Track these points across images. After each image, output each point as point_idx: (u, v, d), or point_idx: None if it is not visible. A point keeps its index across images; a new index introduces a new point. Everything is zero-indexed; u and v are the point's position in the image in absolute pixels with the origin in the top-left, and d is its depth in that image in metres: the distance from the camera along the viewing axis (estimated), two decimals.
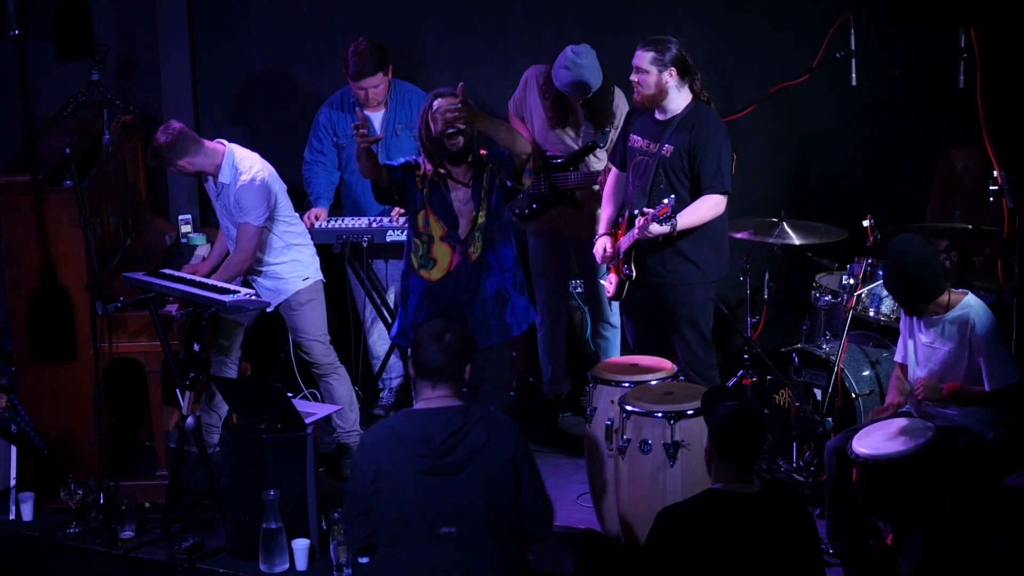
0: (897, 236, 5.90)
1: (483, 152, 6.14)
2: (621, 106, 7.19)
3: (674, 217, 6.21)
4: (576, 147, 7.23)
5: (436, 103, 6.04)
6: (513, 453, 4.96)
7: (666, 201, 6.21)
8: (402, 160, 6.24)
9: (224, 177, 6.71)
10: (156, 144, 6.66)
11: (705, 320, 6.57)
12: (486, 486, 4.91)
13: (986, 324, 5.76)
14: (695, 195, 6.38)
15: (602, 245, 6.60)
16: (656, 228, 6.27)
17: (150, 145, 6.76)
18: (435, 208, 6.12)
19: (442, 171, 6.09)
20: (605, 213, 6.71)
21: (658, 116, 6.50)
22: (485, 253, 6.10)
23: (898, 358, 6.10)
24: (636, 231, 6.35)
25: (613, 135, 7.13)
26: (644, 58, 6.39)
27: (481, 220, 6.08)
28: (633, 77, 6.43)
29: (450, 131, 5.99)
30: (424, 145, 6.10)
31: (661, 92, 6.41)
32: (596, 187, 7.09)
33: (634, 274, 6.49)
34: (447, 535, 4.88)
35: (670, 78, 6.39)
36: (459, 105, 5.92)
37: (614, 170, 6.74)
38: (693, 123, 6.42)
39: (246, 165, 6.72)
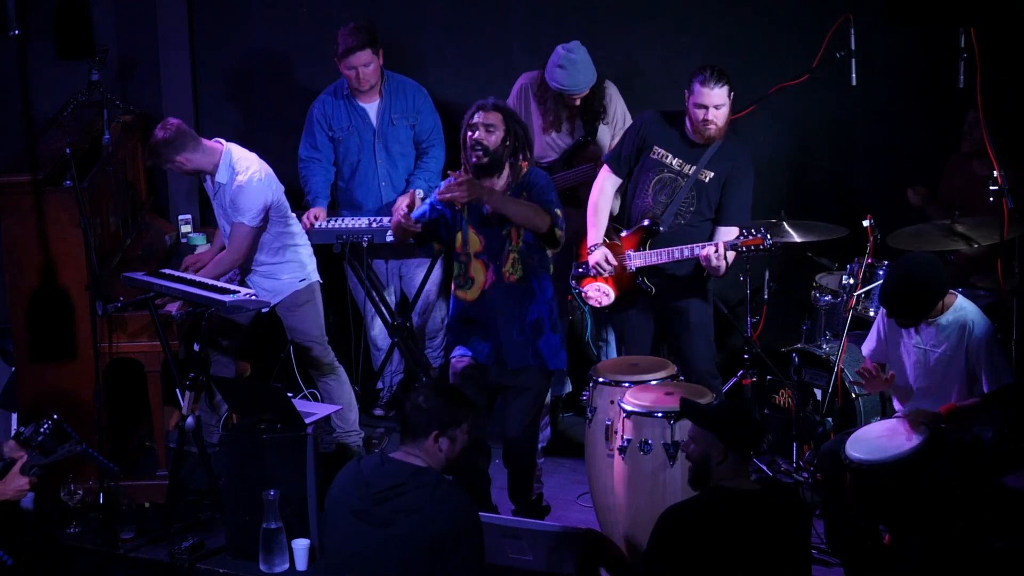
0: (906, 255, 5.92)
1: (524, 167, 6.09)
2: (615, 100, 7.17)
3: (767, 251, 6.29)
4: (570, 143, 7.21)
5: (474, 115, 6.04)
6: (439, 534, 4.77)
7: (759, 234, 6.25)
8: (432, 203, 6.19)
9: (221, 176, 6.71)
10: (154, 140, 6.65)
11: (712, 325, 6.64)
12: (401, 551, 4.81)
13: (983, 326, 5.77)
14: (715, 220, 6.47)
15: (602, 256, 6.54)
16: (722, 254, 6.27)
17: (148, 142, 6.76)
18: (473, 220, 6.10)
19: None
20: (597, 222, 6.62)
21: (693, 138, 6.47)
22: (528, 278, 6.08)
23: (867, 353, 6.11)
24: (696, 252, 6.32)
25: (602, 130, 7.11)
26: (721, 94, 6.33)
27: (518, 243, 6.05)
28: (707, 115, 6.33)
29: (475, 148, 6.01)
30: (462, 153, 6.11)
31: (728, 123, 6.42)
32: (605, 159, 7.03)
33: (654, 290, 6.50)
34: None
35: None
36: (460, 186, 5.90)
37: (603, 179, 6.68)
38: (734, 156, 6.46)
39: (243, 165, 6.71)
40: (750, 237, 6.28)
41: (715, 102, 6.33)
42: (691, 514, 4.80)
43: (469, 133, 6.04)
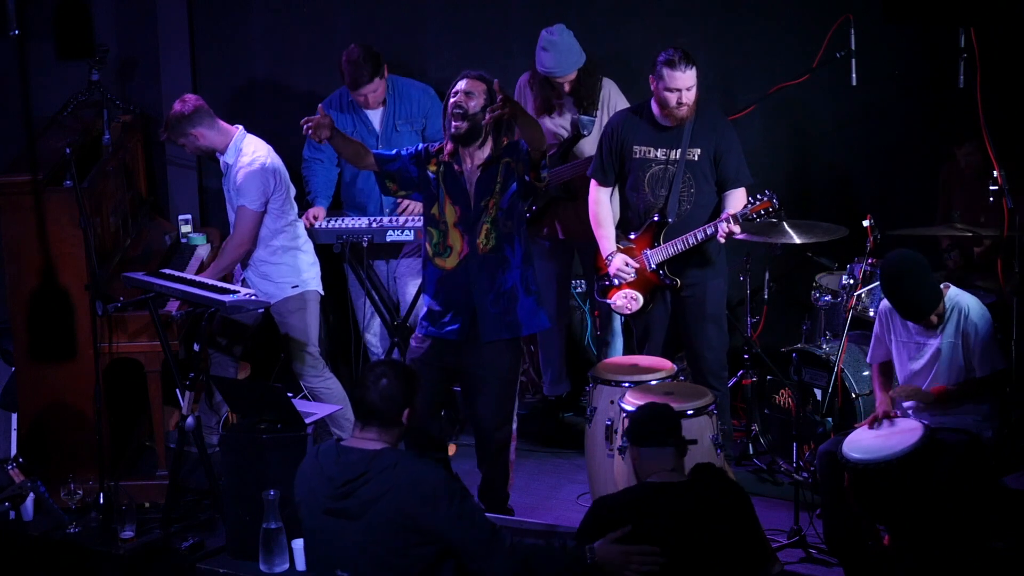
0: (890, 254, 5.91)
1: (505, 141, 6.04)
2: (614, 97, 7.16)
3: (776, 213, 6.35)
4: (565, 135, 7.20)
5: (458, 83, 5.98)
6: (414, 511, 4.72)
7: (765, 196, 6.29)
8: (408, 150, 6.14)
9: (228, 156, 6.75)
10: (171, 113, 6.73)
11: (725, 317, 6.70)
12: (383, 537, 4.75)
13: (979, 312, 5.80)
14: (718, 192, 6.53)
15: (621, 262, 6.56)
16: (737, 228, 6.35)
17: (165, 118, 6.80)
18: (450, 191, 6.03)
19: (451, 151, 6.00)
20: (606, 232, 6.65)
21: (665, 122, 6.49)
22: (500, 247, 6.00)
23: (873, 361, 6.11)
24: (709, 233, 6.39)
25: (601, 118, 7.11)
26: (691, 76, 6.38)
27: (493, 212, 6.00)
28: (680, 98, 6.39)
29: (455, 111, 5.93)
30: (443, 122, 6.06)
31: (696, 101, 6.46)
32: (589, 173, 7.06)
33: (679, 281, 6.51)
34: None
35: None
36: (503, 105, 5.80)
37: (594, 191, 6.68)
38: (714, 124, 6.51)
39: (250, 148, 6.74)
40: (757, 203, 6.33)
41: (687, 84, 6.39)
42: (615, 505, 4.90)
43: (451, 100, 5.97)
